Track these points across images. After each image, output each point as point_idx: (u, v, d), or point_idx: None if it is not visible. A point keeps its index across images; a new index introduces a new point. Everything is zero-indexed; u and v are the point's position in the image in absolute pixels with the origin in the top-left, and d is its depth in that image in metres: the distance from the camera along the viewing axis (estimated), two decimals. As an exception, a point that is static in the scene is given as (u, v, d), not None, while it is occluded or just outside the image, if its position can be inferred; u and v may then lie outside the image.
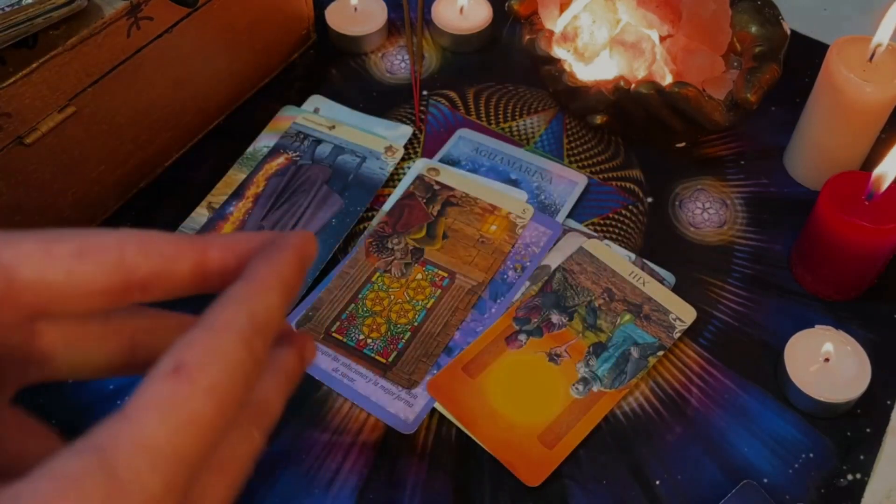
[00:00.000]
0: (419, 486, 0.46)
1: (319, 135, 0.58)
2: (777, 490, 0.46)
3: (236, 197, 0.56)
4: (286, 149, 0.58)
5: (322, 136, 0.58)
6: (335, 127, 0.58)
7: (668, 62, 0.58)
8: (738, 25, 0.57)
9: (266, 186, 0.56)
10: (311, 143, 0.58)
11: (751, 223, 0.57)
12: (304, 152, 0.57)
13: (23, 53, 0.46)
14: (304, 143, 0.58)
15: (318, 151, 0.57)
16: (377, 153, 0.57)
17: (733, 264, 0.55)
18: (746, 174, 0.60)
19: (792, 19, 0.58)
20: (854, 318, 0.52)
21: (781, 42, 0.56)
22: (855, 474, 0.47)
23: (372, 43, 0.66)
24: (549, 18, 0.58)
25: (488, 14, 0.66)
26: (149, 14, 0.51)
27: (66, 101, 0.49)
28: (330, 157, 0.57)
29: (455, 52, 0.67)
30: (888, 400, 0.49)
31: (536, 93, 0.64)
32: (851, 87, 0.52)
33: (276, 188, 0.56)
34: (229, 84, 0.61)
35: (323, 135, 0.58)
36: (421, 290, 0.53)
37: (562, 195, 0.58)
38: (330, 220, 0.56)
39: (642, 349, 0.50)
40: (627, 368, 0.49)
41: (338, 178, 0.57)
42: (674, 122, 0.56)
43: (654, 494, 0.46)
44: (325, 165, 0.57)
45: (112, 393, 0.48)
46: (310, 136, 0.58)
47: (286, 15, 0.62)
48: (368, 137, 0.58)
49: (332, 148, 0.57)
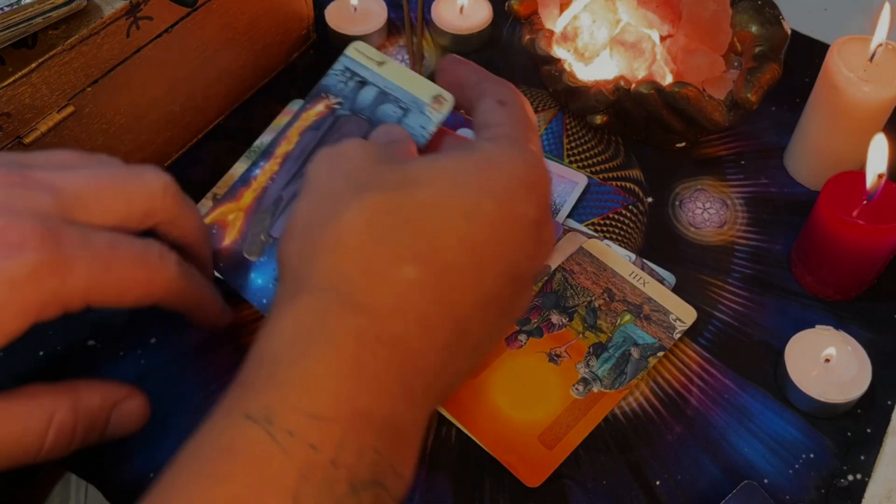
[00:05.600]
0: (419, 487, 0.46)
1: (366, 73, 0.49)
2: (777, 490, 0.46)
3: (265, 156, 0.48)
4: (329, 90, 0.49)
5: (368, 77, 0.49)
6: (385, 63, 0.49)
7: (668, 62, 0.57)
8: (738, 25, 0.57)
9: (298, 143, 0.48)
10: (356, 86, 0.49)
11: (751, 223, 0.57)
12: (346, 97, 0.49)
13: (22, 53, 0.46)
14: (349, 84, 0.49)
15: (361, 98, 0.49)
16: (422, 104, 0.47)
17: (733, 264, 0.55)
18: (746, 174, 0.60)
19: (792, 19, 0.58)
20: (854, 318, 0.52)
21: (782, 42, 0.56)
22: (855, 475, 0.47)
23: (372, 43, 0.66)
24: (549, 18, 0.58)
25: (488, 14, 0.66)
26: (148, 14, 0.51)
27: (66, 101, 0.49)
28: (371, 107, 0.48)
29: (455, 52, 0.67)
30: (889, 400, 0.49)
31: (536, 93, 0.64)
32: (851, 87, 0.52)
33: (306, 146, 0.48)
34: (229, 84, 0.61)
35: (370, 73, 0.49)
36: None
37: (562, 195, 0.57)
38: None
39: (642, 349, 0.50)
40: (627, 369, 0.49)
41: None
42: (674, 122, 0.56)
43: (654, 495, 0.46)
44: (364, 118, 0.49)
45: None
46: (356, 76, 0.49)
47: (286, 15, 0.62)
48: (418, 81, 0.49)
49: (377, 94, 0.48)
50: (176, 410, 0.47)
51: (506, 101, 0.38)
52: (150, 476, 0.45)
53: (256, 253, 0.45)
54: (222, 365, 0.50)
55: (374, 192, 0.33)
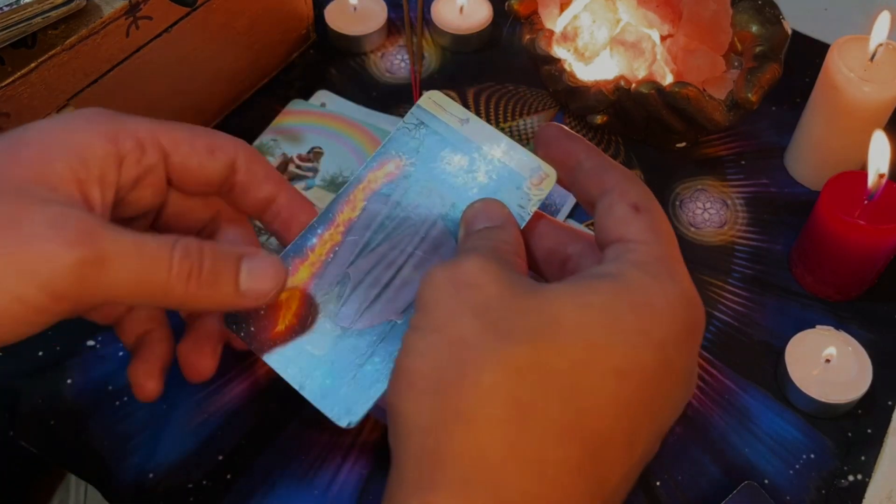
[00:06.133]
0: None
1: (446, 131, 0.40)
2: (778, 491, 0.46)
3: (323, 222, 0.40)
4: (400, 150, 0.40)
5: (449, 135, 0.40)
6: (469, 121, 0.40)
7: (668, 62, 0.57)
8: (738, 25, 0.57)
9: (363, 211, 0.40)
10: (434, 144, 0.40)
11: (751, 223, 0.57)
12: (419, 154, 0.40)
13: (21, 53, 0.46)
14: (425, 144, 0.40)
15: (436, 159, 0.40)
16: (520, 179, 0.39)
17: (734, 264, 0.55)
18: (747, 174, 0.60)
19: (793, 19, 0.58)
20: (855, 318, 0.52)
21: (782, 42, 0.56)
22: (856, 475, 0.47)
23: (372, 43, 0.66)
24: (549, 18, 0.58)
25: (488, 14, 0.66)
26: (148, 13, 0.51)
27: (65, 101, 0.49)
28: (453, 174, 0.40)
29: (455, 51, 0.67)
30: (889, 400, 0.49)
31: (536, 93, 0.64)
32: (852, 87, 0.51)
33: (374, 217, 0.40)
34: (228, 84, 0.61)
35: (450, 132, 0.40)
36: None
37: (562, 195, 0.57)
38: None
39: (643, 350, 0.50)
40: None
41: (459, 213, 0.39)
42: (674, 122, 0.56)
43: (654, 495, 0.46)
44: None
45: (112, 392, 0.48)
46: (435, 134, 0.40)
47: (285, 14, 0.62)
48: (515, 151, 0.39)
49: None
50: (176, 410, 0.47)
51: (642, 206, 0.32)
52: (150, 476, 0.45)
53: (320, 346, 0.38)
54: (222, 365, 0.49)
55: (513, 343, 0.28)
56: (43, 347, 0.50)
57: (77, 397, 0.48)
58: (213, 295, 0.34)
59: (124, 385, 0.48)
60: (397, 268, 0.39)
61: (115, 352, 0.50)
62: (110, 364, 0.49)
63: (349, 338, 0.38)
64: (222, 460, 0.46)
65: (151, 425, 0.47)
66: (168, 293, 0.33)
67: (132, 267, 0.32)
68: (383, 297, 0.39)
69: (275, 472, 0.46)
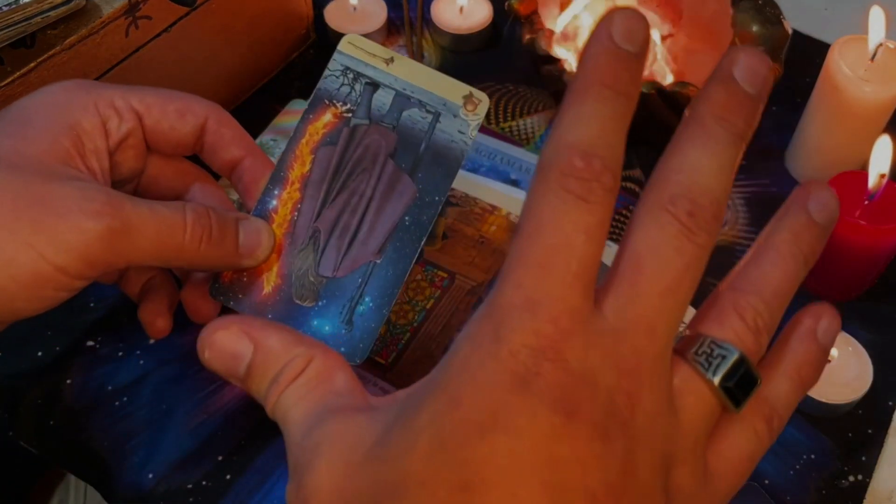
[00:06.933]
0: None
1: (374, 73, 0.41)
2: (778, 491, 0.46)
3: (277, 182, 0.41)
4: (332, 97, 0.42)
5: (378, 77, 0.41)
6: (394, 60, 0.42)
7: (668, 62, 0.57)
8: (739, 25, 0.57)
9: (314, 164, 0.42)
10: (366, 88, 0.42)
11: (752, 223, 0.57)
12: (356, 102, 0.42)
13: (21, 53, 0.46)
14: (356, 87, 0.42)
15: (377, 102, 0.41)
16: (454, 107, 0.40)
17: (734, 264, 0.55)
18: (747, 174, 0.60)
19: (793, 19, 0.58)
20: (855, 318, 0.52)
21: (782, 42, 0.56)
22: (856, 475, 0.47)
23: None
24: (550, 18, 0.58)
25: (488, 14, 0.66)
26: (147, 13, 0.51)
27: (65, 101, 0.49)
28: (392, 113, 0.41)
29: (455, 51, 0.67)
30: (890, 401, 0.49)
31: (536, 93, 0.64)
32: (852, 87, 0.51)
33: (327, 167, 0.42)
34: (228, 84, 0.61)
35: (379, 73, 0.41)
36: (421, 291, 0.52)
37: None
38: (402, 218, 0.41)
39: (643, 350, 0.50)
40: (628, 369, 0.49)
41: (405, 149, 0.42)
42: (674, 122, 0.56)
43: (654, 496, 0.46)
44: (388, 127, 0.42)
45: (112, 392, 0.48)
46: (362, 77, 0.42)
47: (285, 14, 0.62)
48: (441, 80, 0.41)
49: (394, 96, 0.41)
50: (176, 410, 0.47)
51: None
52: (150, 476, 0.45)
53: (310, 297, 0.40)
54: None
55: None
56: (43, 347, 0.50)
57: (77, 397, 0.48)
58: (219, 253, 0.38)
59: (124, 385, 0.48)
60: (361, 213, 0.42)
61: (115, 352, 0.50)
62: (110, 364, 0.49)
63: (335, 285, 0.41)
64: (222, 460, 0.46)
65: (151, 425, 0.47)
66: (183, 253, 0.37)
67: (152, 232, 0.35)
68: (356, 241, 0.42)
69: (275, 472, 0.46)
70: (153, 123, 0.40)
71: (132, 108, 0.40)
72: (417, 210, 0.41)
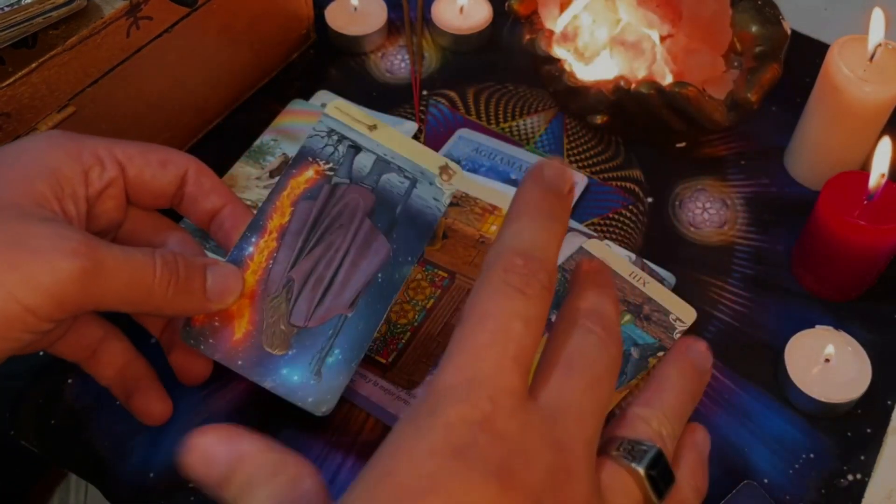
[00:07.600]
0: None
1: (357, 137, 0.44)
2: (777, 490, 0.46)
3: (255, 230, 0.43)
4: (316, 155, 0.44)
5: (361, 142, 0.44)
6: (377, 127, 0.44)
7: (668, 62, 0.57)
8: (738, 25, 0.57)
9: (293, 216, 0.43)
10: (349, 150, 0.44)
11: (751, 223, 0.57)
12: (338, 163, 0.44)
13: (22, 53, 0.46)
14: (339, 149, 0.44)
15: (358, 164, 0.44)
16: (431, 175, 0.43)
17: (734, 264, 0.55)
18: (747, 174, 0.60)
19: (792, 19, 0.58)
20: (855, 318, 0.52)
21: (782, 42, 0.56)
22: (855, 475, 0.47)
23: (372, 43, 0.66)
24: (549, 18, 0.58)
25: (488, 14, 0.66)
26: (148, 14, 0.51)
27: (66, 101, 0.49)
28: (372, 175, 0.44)
29: (455, 51, 0.67)
30: (889, 400, 0.49)
31: (536, 93, 0.64)
32: (852, 87, 0.51)
33: (305, 219, 0.43)
34: (229, 84, 0.61)
35: (362, 138, 0.44)
36: (421, 291, 0.52)
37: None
38: (376, 274, 0.43)
39: (642, 350, 0.50)
40: (627, 369, 0.49)
41: (382, 210, 0.44)
42: (674, 122, 0.56)
43: (654, 495, 0.46)
44: (367, 188, 0.43)
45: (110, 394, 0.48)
46: (345, 139, 0.44)
47: (286, 14, 0.62)
48: (420, 150, 0.43)
49: (375, 160, 0.43)
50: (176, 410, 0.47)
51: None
52: (150, 476, 0.45)
53: (281, 345, 0.41)
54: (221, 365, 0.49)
55: None
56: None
57: (77, 397, 0.48)
58: (187, 299, 0.39)
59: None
60: (336, 266, 0.43)
61: (116, 352, 0.50)
62: (111, 364, 0.49)
63: (306, 335, 0.41)
64: (222, 460, 0.46)
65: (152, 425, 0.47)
66: (151, 297, 0.37)
67: (124, 274, 0.36)
68: (329, 293, 0.42)
69: (275, 471, 0.46)
70: (136, 172, 0.41)
71: (115, 158, 0.41)
72: (390, 269, 0.43)
